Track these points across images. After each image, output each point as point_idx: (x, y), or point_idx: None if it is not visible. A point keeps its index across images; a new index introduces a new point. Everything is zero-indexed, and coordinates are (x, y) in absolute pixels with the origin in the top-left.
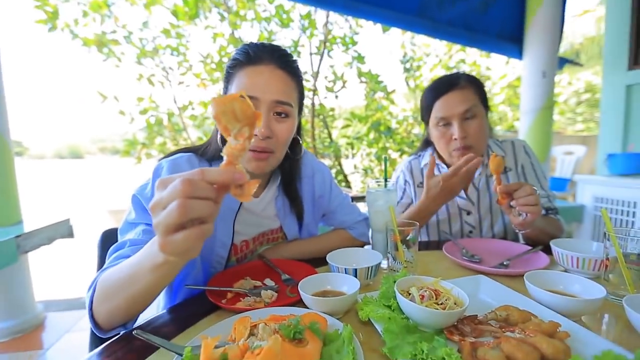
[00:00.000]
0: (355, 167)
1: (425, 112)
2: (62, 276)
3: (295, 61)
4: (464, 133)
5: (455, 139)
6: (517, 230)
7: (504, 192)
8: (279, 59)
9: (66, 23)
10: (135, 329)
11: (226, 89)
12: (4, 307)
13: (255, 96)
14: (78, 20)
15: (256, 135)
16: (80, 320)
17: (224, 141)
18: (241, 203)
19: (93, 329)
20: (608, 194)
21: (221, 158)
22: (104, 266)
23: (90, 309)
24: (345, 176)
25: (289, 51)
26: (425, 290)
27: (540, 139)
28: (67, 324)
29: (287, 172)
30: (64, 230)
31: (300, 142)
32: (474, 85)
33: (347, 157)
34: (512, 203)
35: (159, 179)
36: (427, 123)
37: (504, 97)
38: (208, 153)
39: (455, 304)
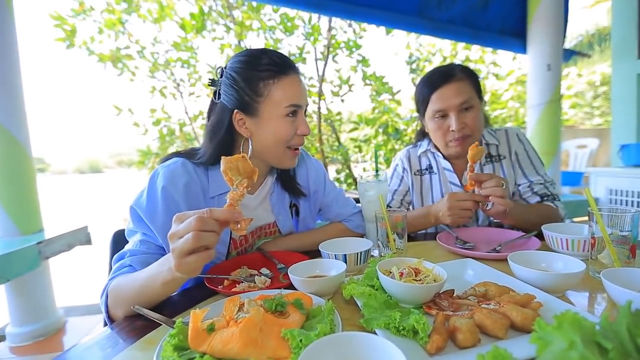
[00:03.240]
0: (364, 170)
1: (422, 104)
2: (82, 283)
3: None
4: (461, 124)
5: (453, 130)
6: (492, 219)
7: (473, 179)
8: (297, 68)
9: (83, 41)
10: (135, 307)
11: (252, 99)
12: (27, 311)
13: (299, 104)
14: (94, 37)
15: (301, 135)
16: (98, 324)
17: (227, 146)
18: None
19: (109, 322)
20: (622, 186)
21: (219, 162)
22: (111, 274)
23: (107, 311)
24: (354, 179)
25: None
26: (405, 269)
27: (549, 132)
28: (86, 328)
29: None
30: (82, 237)
31: None
32: (469, 77)
33: (357, 162)
34: (480, 191)
35: (175, 214)
36: (423, 115)
37: (513, 94)
38: (210, 158)
39: (434, 281)
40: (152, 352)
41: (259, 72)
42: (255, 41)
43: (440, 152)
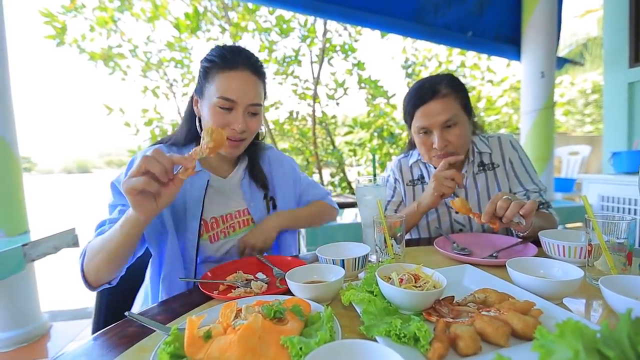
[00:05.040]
0: (359, 174)
1: (408, 117)
2: (68, 286)
3: (262, 65)
4: (444, 142)
5: (435, 148)
6: (520, 235)
7: (488, 220)
8: (252, 65)
9: (74, 38)
10: (128, 313)
11: (203, 86)
12: (10, 316)
13: (233, 99)
14: (85, 35)
15: (233, 129)
16: (84, 330)
17: (193, 127)
18: (208, 181)
19: (85, 286)
20: (614, 193)
21: (190, 143)
22: (91, 239)
23: (82, 270)
24: (349, 183)
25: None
26: (405, 275)
27: (542, 139)
28: (72, 334)
29: (253, 154)
30: (69, 239)
31: (263, 129)
32: (455, 91)
33: (351, 165)
34: (504, 220)
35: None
36: (409, 126)
37: (507, 100)
38: (179, 138)
39: (434, 287)
40: None
41: (209, 60)
42: (250, 42)
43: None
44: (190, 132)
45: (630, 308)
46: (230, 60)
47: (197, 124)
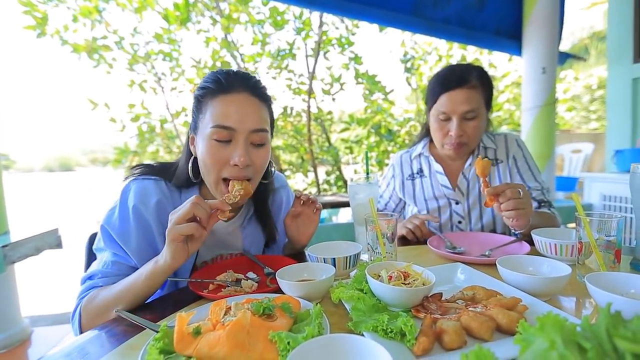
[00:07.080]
0: (355, 172)
1: (430, 99)
2: (50, 290)
3: (264, 87)
4: (460, 132)
5: (451, 135)
6: (515, 231)
7: (491, 194)
8: (252, 86)
9: (56, 29)
10: (117, 310)
11: (197, 118)
12: None
13: (231, 126)
14: (68, 26)
15: (236, 165)
16: (67, 335)
17: (194, 169)
18: None
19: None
20: (616, 192)
21: (192, 186)
22: (81, 294)
23: (80, 328)
24: (345, 182)
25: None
26: (394, 272)
27: (543, 136)
28: (54, 339)
29: (260, 195)
30: (52, 240)
31: (272, 165)
32: (483, 84)
33: (347, 163)
34: (500, 206)
35: (172, 212)
36: (429, 109)
37: (509, 96)
38: (180, 180)
39: (423, 284)
40: (134, 357)
41: (202, 89)
42: (242, 35)
43: (433, 156)
44: (186, 174)
45: (609, 302)
46: (226, 84)
47: (190, 165)
